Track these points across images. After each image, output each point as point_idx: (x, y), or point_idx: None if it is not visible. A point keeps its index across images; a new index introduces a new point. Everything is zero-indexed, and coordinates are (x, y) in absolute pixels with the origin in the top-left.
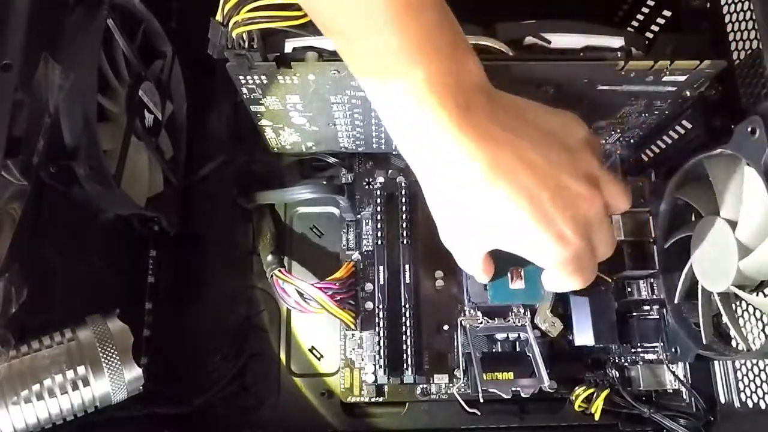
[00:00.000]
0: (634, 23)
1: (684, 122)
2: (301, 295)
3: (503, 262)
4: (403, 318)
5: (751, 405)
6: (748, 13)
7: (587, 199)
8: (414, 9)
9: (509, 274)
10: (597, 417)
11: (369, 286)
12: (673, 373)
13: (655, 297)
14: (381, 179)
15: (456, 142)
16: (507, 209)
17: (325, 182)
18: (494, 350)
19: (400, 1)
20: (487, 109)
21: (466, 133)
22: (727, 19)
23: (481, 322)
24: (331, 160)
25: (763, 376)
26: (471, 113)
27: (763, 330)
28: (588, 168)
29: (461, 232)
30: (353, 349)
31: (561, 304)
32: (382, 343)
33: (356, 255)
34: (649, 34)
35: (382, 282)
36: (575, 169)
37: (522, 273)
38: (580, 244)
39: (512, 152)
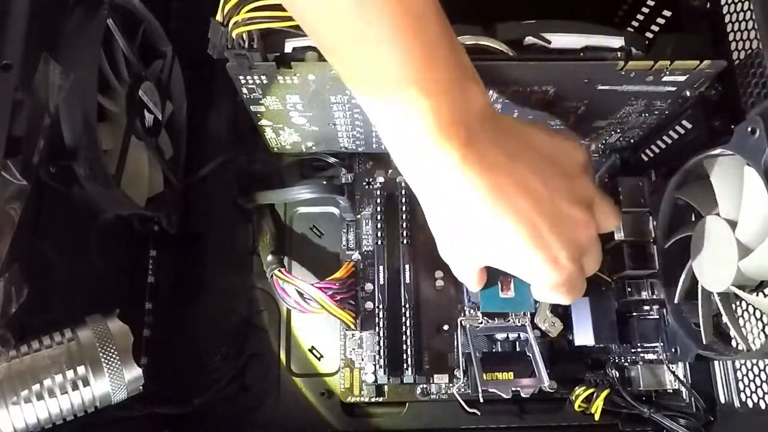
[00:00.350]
0: (634, 23)
1: (684, 122)
2: (301, 295)
3: (494, 272)
4: (403, 318)
5: (751, 405)
6: (748, 13)
7: (582, 225)
8: (418, 25)
9: (499, 284)
10: (597, 417)
11: (369, 286)
12: (673, 373)
13: (655, 297)
14: (381, 179)
15: (458, 168)
16: (505, 233)
17: (325, 182)
18: (494, 350)
19: (404, 15)
20: (489, 135)
21: (468, 160)
22: (727, 19)
23: (481, 322)
24: (331, 160)
25: (763, 376)
26: (474, 140)
27: (763, 330)
28: (584, 193)
29: (458, 249)
30: (353, 349)
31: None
32: (382, 343)
33: (356, 255)
34: (649, 34)
35: (382, 282)
36: (573, 195)
37: (512, 283)
38: (572, 268)
39: (513, 178)
